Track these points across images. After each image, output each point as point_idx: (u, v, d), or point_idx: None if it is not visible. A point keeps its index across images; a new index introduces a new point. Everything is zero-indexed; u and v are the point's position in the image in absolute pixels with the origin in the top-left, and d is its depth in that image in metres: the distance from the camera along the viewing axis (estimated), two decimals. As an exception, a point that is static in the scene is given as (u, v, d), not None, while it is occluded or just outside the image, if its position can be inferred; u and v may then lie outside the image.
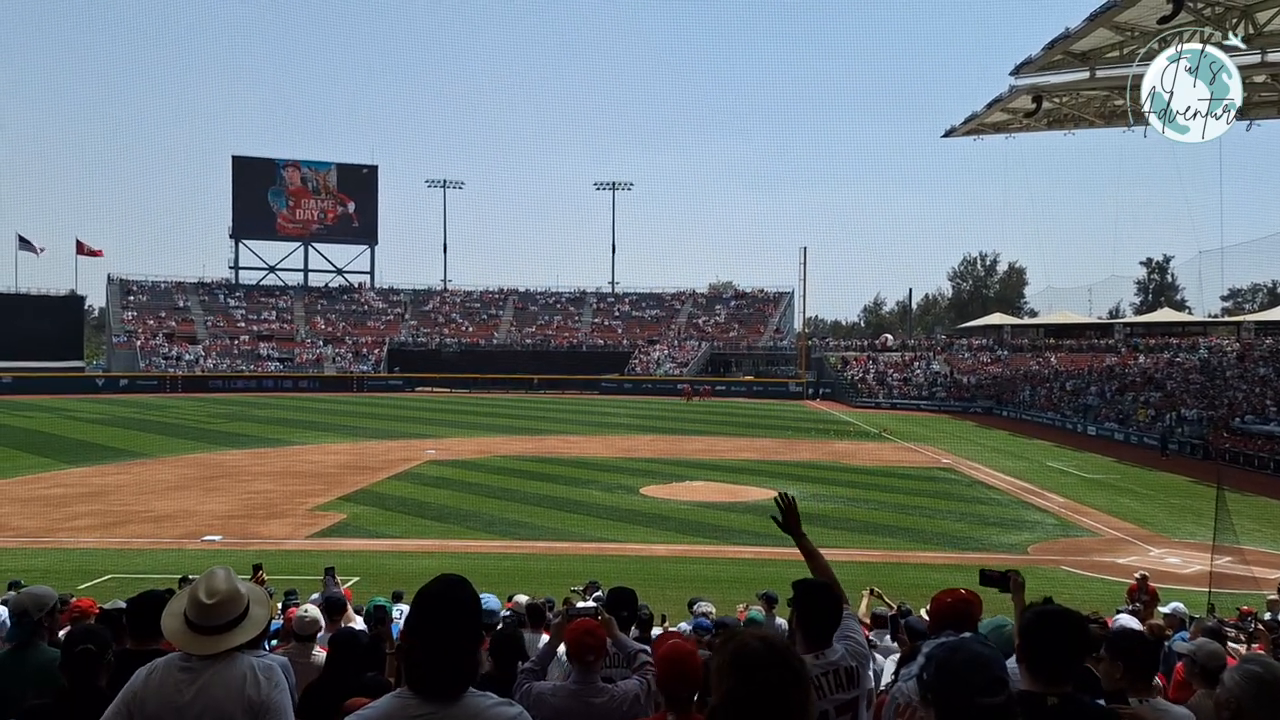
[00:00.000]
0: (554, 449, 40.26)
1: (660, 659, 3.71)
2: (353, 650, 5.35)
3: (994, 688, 2.43)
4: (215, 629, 3.50)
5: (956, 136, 42.16)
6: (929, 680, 2.52)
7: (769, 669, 2.29)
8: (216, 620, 3.50)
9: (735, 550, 21.51)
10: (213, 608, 3.50)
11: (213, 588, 3.55)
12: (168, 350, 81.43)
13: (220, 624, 3.51)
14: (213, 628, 3.50)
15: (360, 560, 19.45)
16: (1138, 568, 17.52)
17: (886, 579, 14.86)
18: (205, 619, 3.49)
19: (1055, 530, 24.64)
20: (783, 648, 2.36)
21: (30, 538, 21.89)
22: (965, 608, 4.31)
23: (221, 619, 3.51)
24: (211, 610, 3.50)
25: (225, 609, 3.53)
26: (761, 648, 2.33)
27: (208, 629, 3.50)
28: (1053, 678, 3.05)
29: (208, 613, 3.50)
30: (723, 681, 2.32)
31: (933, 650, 2.61)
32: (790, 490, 25.74)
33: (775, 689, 2.27)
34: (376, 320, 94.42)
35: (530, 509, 26.03)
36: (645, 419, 55.90)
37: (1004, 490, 30.99)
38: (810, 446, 42.85)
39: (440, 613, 2.66)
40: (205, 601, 3.50)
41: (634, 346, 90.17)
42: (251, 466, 34.02)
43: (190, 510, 25.45)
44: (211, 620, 3.50)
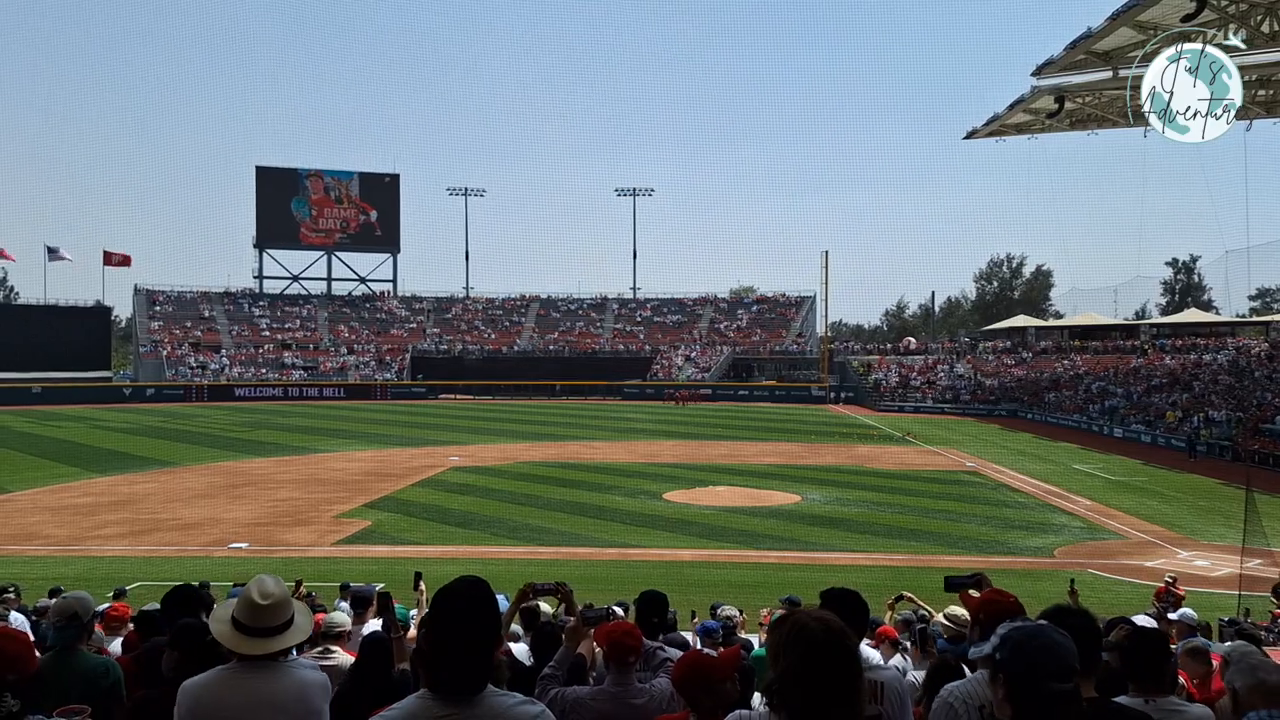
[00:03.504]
0: (576, 455, 40.32)
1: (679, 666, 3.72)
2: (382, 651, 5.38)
3: (1065, 674, 2.52)
4: (266, 631, 3.57)
5: (979, 138, 41.92)
6: (1003, 660, 2.61)
7: (825, 647, 2.35)
8: (269, 623, 3.57)
9: (759, 555, 21.46)
10: (266, 609, 3.57)
11: (265, 590, 3.61)
12: (193, 359, 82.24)
13: (272, 627, 3.57)
14: (264, 630, 3.56)
15: (384, 567, 19.54)
16: (1166, 570, 17.35)
17: (911, 583, 14.78)
18: (258, 621, 3.56)
19: (1082, 533, 24.42)
20: (838, 627, 2.42)
21: (60, 546, 22.17)
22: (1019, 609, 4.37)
23: (273, 621, 3.58)
24: (265, 612, 3.57)
25: (277, 612, 3.60)
26: (818, 627, 2.39)
27: (259, 631, 3.56)
28: None
29: (261, 614, 3.56)
30: (780, 659, 2.41)
31: (1009, 632, 2.70)
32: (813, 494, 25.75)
33: (831, 666, 2.33)
34: (399, 328, 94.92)
35: (553, 515, 26.08)
36: (668, 424, 55.87)
37: (1029, 493, 30.74)
38: (833, 450, 42.68)
39: (459, 612, 2.69)
40: (260, 603, 3.57)
41: (656, 352, 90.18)
42: (277, 474, 34.28)
43: (217, 518, 25.67)
44: (264, 622, 3.56)
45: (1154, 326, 79.24)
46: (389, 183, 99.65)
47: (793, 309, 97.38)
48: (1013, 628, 2.81)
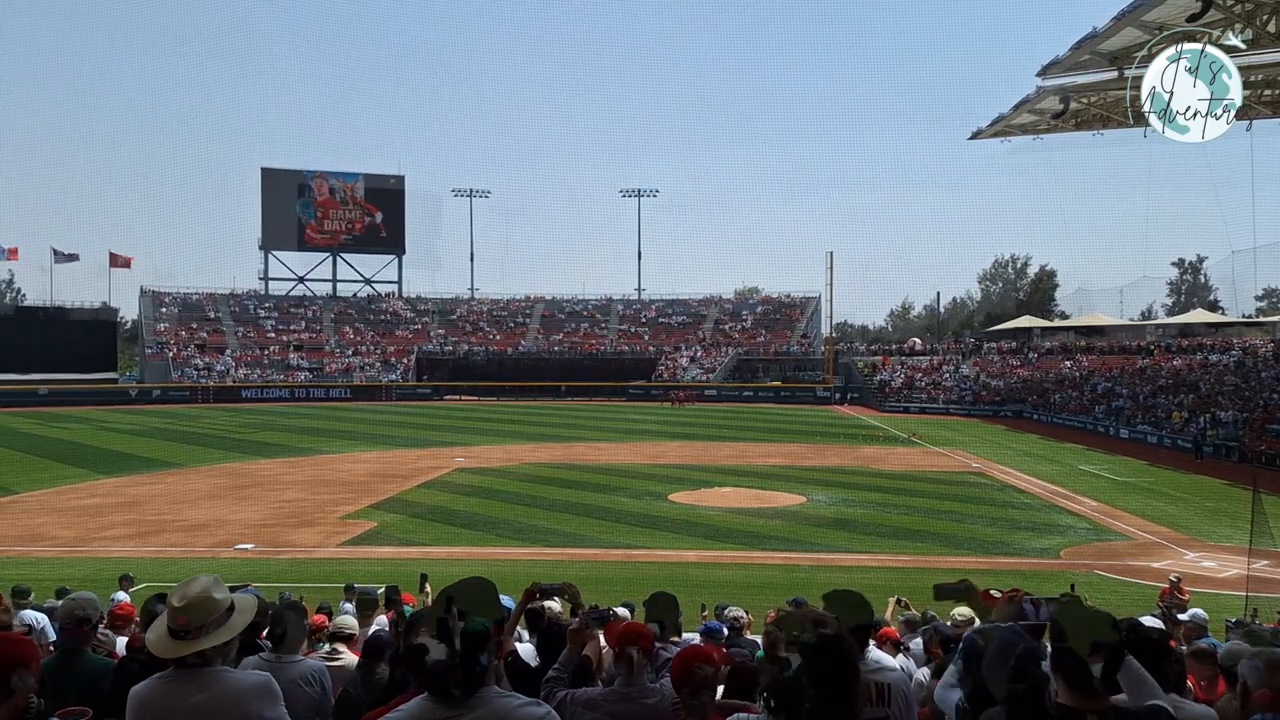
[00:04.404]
0: (582, 456, 40.34)
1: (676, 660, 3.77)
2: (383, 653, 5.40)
3: (1018, 675, 2.51)
4: (187, 633, 3.59)
5: (984, 139, 41.92)
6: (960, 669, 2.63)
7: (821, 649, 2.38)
8: (189, 625, 3.59)
9: (765, 556, 21.45)
10: (183, 610, 3.59)
11: (184, 593, 3.64)
12: (199, 361, 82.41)
13: (192, 628, 3.59)
14: (184, 631, 3.59)
15: (390, 567, 19.56)
16: (1172, 571, 17.30)
17: (916, 584, 14.77)
18: (176, 623, 3.59)
19: (1088, 534, 24.38)
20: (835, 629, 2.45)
21: (67, 547, 22.24)
22: None
23: (194, 624, 3.59)
24: (183, 614, 3.59)
25: (198, 613, 3.61)
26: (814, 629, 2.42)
27: (179, 633, 3.59)
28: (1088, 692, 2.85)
29: (179, 616, 3.59)
30: (777, 659, 2.46)
31: (965, 638, 2.70)
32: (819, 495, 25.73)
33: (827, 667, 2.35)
34: (404, 329, 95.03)
35: (559, 516, 26.10)
36: (673, 425, 55.87)
37: (1035, 494, 30.69)
38: (839, 451, 42.66)
39: None
40: (175, 605, 3.60)
41: (661, 353, 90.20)
42: (282, 475, 34.34)
43: (223, 519, 25.73)
44: (183, 625, 3.58)
45: (1160, 327, 79.12)
46: (394, 184, 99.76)
47: (797, 310, 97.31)
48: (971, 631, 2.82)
